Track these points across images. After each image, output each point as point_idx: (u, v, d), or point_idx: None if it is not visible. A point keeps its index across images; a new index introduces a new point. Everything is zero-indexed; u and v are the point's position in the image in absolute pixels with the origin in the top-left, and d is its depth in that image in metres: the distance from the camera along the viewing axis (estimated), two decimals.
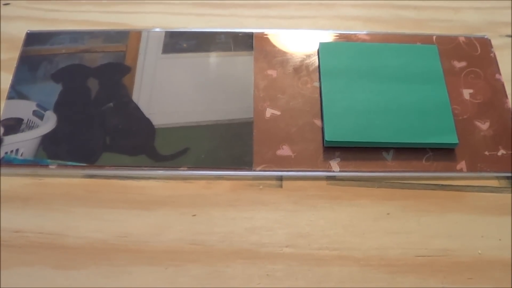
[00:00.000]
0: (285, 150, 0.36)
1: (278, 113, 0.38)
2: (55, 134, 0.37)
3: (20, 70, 0.40)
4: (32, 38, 0.42)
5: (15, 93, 0.39)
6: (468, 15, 0.45)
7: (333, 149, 0.36)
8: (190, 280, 0.32)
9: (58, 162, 0.35)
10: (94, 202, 0.35)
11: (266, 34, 0.42)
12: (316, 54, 0.41)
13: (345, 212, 0.35)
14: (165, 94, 0.39)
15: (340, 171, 0.36)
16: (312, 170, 0.36)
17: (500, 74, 0.41)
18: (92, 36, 0.42)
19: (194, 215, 0.34)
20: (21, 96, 0.38)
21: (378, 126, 0.36)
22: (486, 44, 0.42)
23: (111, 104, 0.38)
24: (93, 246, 0.33)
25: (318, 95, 0.39)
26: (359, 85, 0.38)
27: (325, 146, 0.36)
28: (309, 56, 0.41)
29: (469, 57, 0.41)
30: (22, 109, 0.38)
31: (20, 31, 0.42)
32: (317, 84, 0.39)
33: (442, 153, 0.36)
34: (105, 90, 0.39)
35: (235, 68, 0.40)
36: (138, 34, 0.42)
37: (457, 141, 0.36)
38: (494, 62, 0.41)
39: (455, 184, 0.36)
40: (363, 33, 0.43)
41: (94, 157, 0.36)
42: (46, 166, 0.35)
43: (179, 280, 0.32)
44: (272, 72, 0.40)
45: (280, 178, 0.36)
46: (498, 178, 0.36)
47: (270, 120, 0.38)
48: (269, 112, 0.38)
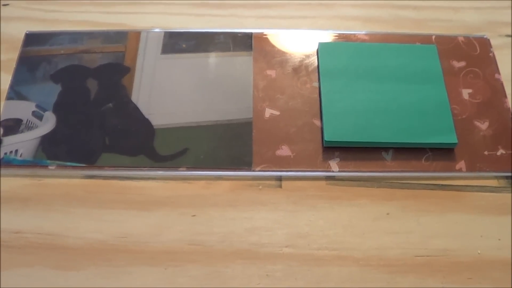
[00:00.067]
0: (284, 150, 0.36)
1: (278, 113, 0.38)
2: (55, 135, 0.37)
3: (19, 71, 0.40)
4: (31, 38, 0.42)
5: (14, 93, 0.39)
6: (467, 15, 0.45)
7: (332, 149, 0.36)
8: (189, 280, 0.32)
9: (58, 162, 0.35)
10: (94, 203, 0.35)
11: (265, 34, 0.42)
12: (315, 54, 0.41)
13: (344, 212, 0.35)
14: (164, 94, 0.39)
15: (339, 171, 0.36)
16: (311, 170, 0.36)
17: (499, 74, 0.41)
18: (91, 36, 0.42)
19: (194, 216, 0.34)
20: (20, 96, 0.38)
21: (378, 126, 0.36)
22: (485, 44, 0.42)
23: (111, 104, 0.38)
24: (92, 246, 0.33)
25: (317, 95, 0.39)
26: (359, 85, 0.38)
27: (324, 146, 0.36)
28: (308, 56, 0.41)
29: (468, 57, 0.41)
30: (21, 109, 0.38)
31: (19, 32, 0.42)
32: (316, 84, 0.39)
33: (442, 153, 0.36)
34: (104, 90, 0.39)
35: (234, 68, 0.40)
36: (137, 34, 0.42)
37: (456, 141, 0.36)
38: (493, 62, 0.41)
39: (455, 184, 0.36)
40: (363, 33, 0.43)
41: (93, 157, 0.36)
42: (45, 166, 0.35)
43: (179, 280, 0.32)
44: (271, 72, 0.40)
45: (279, 178, 0.36)
46: (497, 178, 0.36)
47: (269, 120, 0.38)
48: (268, 112, 0.38)
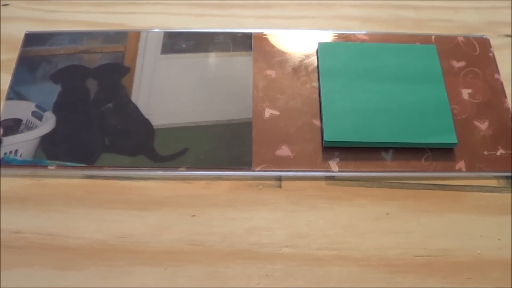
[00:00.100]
0: (284, 150, 0.36)
1: (277, 113, 0.38)
2: (54, 135, 0.37)
3: (19, 71, 0.40)
4: (31, 38, 0.42)
5: (14, 94, 0.39)
6: (467, 15, 0.45)
7: (332, 149, 0.36)
8: (189, 280, 0.32)
9: (57, 162, 0.35)
10: (94, 203, 0.35)
11: (265, 34, 0.42)
12: (315, 54, 0.41)
13: (344, 212, 0.35)
14: (164, 94, 0.39)
15: (339, 171, 0.36)
16: (311, 170, 0.36)
17: (499, 73, 0.41)
18: (91, 36, 0.42)
19: (194, 216, 0.34)
20: (20, 97, 0.38)
21: (377, 126, 0.36)
22: (485, 44, 0.42)
23: (110, 104, 0.38)
24: (92, 246, 0.33)
25: (317, 95, 0.39)
26: (358, 85, 0.38)
27: (324, 146, 0.36)
28: (308, 56, 0.41)
29: (468, 57, 0.41)
30: (21, 110, 0.38)
31: (19, 32, 0.42)
32: (316, 84, 0.39)
33: (441, 153, 0.36)
34: (104, 90, 0.39)
35: (234, 68, 0.40)
36: (137, 34, 0.42)
37: (456, 141, 0.36)
38: (493, 62, 0.41)
39: (454, 184, 0.36)
40: (362, 33, 0.43)
41: (93, 157, 0.36)
42: (45, 166, 0.35)
43: (179, 280, 0.32)
44: (271, 72, 0.40)
45: (279, 178, 0.36)
46: (497, 177, 0.36)
47: (269, 120, 0.38)
48: (268, 112, 0.38)
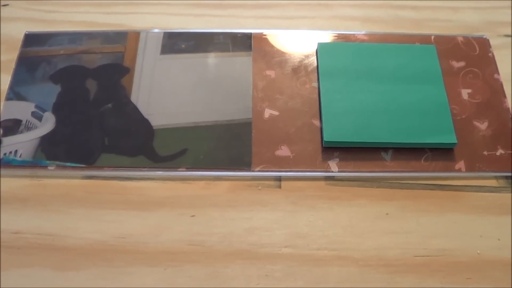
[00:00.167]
0: (283, 151, 0.36)
1: (277, 113, 0.38)
2: (54, 135, 0.37)
3: (18, 71, 0.40)
4: (30, 39, 0.42)
5: (14, 94, 0.39)
6: (466, 15, 0.45)
7: (331, 149, 0.36)
8: (189, 280, 0.32)
9: (57, 163, 0.35)
10: (93, 203, 0.35)
11: (264, 35, 0.42)
12: (314, 54, 0.41)
13: (344, 212, 0.35)
14: (163, 95, 0.39)
15: (338, 171, 0.36)
16: (310, 170, 0.36)
17: (498, 74, 0.41)
18: (90, 37, 0.42)
19: (193, 216, 0.34)
20: (19, 97, 0.38)
21: (377, 126, 0.36)
22: (484, 44, 0.42)
23: (110, 105, 0.38)
24: (92, 247, 0.33)
25: (316, 96, 0.39)
26: (358, 85, 0.38)
27: (323, 146, 0.36)
28: (307, 56, 0.41)
29: (467, 57, 0.41)
30: (20, 110, 0.38)
31: (18, 32, 0.42)
32: (315, 84, 0.40)
33: (441, 153, 0.36)
34: (103, 91, 0.39)
35: (234, 68, 0.40)
36: (137, 35, 0.42)
37: (455, 141, 0.36)
38: (492, 62, 0.41)
39: (454, 184, 0.36)
40: (362, 33, 0.43)
41: (93, 158, 0.36)
42: (45, 167, 0.35)
43: (178, 280, 0.32)
44: (270, 72, 0.40)
45: (278, 179, 0.36)
46: (496, 177, 0.36)
47: (268, 120, 0.38)
48: (267, 112, 0.38)
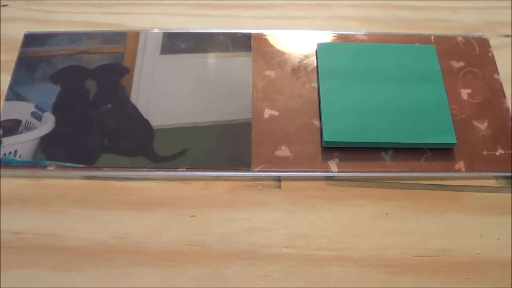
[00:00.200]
0: (283, 151, 0.36)
1: (277, 113, 0.38)
2: (54, 136, 0.37)
3: (18, 72, 0.40)
4: (30, 39, 0.42)
5: (13, 94, 0.39)
6: (466, 15, 0.45)
7: (331, 149, 0.36)
8: (188, 281, 0.32)
9: (57, 163, 0.35)
10: (93, 204, 0.35)
11: (264, 35, 0.42)
12: (314, 54, 0.41)
13: (343, 212, 0.35)
14: (163, 95, 0.39)
15: (338, 172, 0.36)
16: (310, 170, 0.36)
17: (498, 74, 0.41)
18: (90, 37, 0.42)
19: (193, 216, 0.34)
20: (19, 97, 0.38)
21: (377, 126, 0.36)
22: (484, 44, 0.42)
23: (109, 105, 0.38)
24: (92, 247, 0.33)
25: (316, 96, 0.39)
26: (358, 85, 0.38)
27: (323, 146, 0.36)
28: (307, 56, 0.41)
29: (467, 57, 0.41)
30: (20, 110, 0.38)
31: (18, 32, 0.42)
32: (315, 84, 0.39)
33: (441, 153, 0.36)
34: (103, 91, 0.39)
35: (233, 68, 0.40)
36: (136, 35, 0.42)
37: (455, 141, 0.36)
38: (492, 62, 0.41)
39: (454, 184, 0.36)
40: (361, 33, 0.43)
41: (92, 158, 0.36)
42: (44, 167, 0.35)
43: (178, 281, 0.32)
44: (270, 72, 0.40)
45: (278, 179, 0.36)
46: (496, 178, 0.36)
47: (268, 120, 0.38)
48: (267, 112, 0.38)
